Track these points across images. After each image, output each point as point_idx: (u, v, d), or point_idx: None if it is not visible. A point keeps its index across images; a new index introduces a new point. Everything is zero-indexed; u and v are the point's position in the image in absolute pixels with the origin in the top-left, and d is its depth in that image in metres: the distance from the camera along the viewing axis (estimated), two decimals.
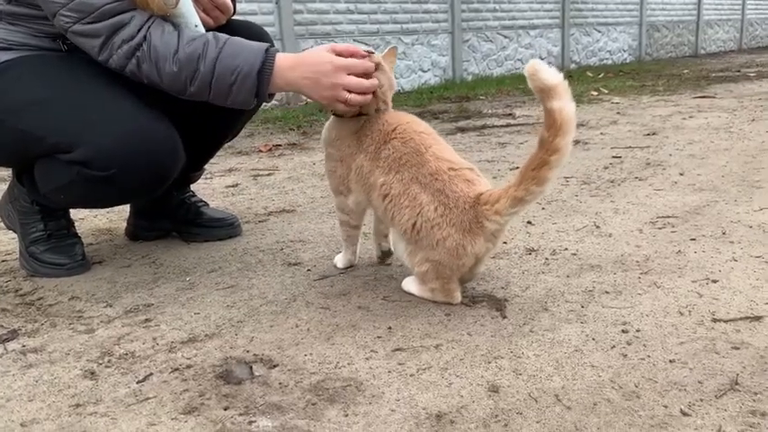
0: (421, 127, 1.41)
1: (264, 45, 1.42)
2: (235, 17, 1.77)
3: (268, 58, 1.40)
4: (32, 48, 1.48)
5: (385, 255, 1.61)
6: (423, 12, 6.51)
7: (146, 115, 1.46)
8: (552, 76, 1.14)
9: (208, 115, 1.75)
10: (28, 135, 1.43)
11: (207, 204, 1.94)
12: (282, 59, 1.40)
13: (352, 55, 1.38)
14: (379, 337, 1.22)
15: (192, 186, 2.00)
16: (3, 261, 1.76)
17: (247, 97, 1.42)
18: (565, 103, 1.15)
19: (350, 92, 1.36)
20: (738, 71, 7.43)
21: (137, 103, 1.47)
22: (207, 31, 1.59)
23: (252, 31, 1.74)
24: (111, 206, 1.88)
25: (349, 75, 1.35)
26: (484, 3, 7.18)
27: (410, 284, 1.43)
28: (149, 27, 1.39)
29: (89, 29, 1.38)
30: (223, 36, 1.42)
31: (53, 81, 1.45)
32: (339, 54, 1.38)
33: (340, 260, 1.61)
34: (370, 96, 1.39)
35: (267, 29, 1.78)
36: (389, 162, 1.35)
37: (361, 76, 1.36)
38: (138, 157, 1.41)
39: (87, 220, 2.11)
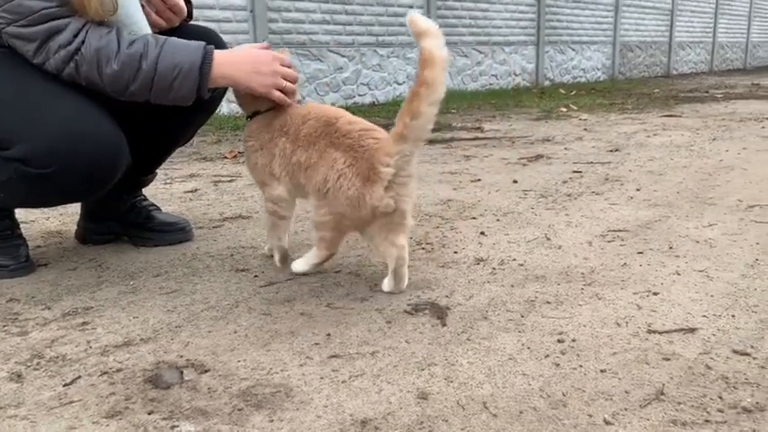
0: (332, 109, 1.51)
1: (201, 43, 1.47)
2: (200, 23, 1.77)
3: (207, 54, 1.46)
4: None
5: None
6: (398, 24, 6.55)
7: (89, 114, 1.44)
8: (426, 22, 1.29)
9: (159, 118, 1.74)
10: None
11: (159, 209, 1.92)
12: (219, 55, 1.48)
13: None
14: (316, 344, 1.22)
15: (150, 191, 1.98)
16: None
17: (189, 93, 1.46)
18: (434, 43, 1.28)
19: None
20: (707, 92, 7.58)
21: (81, 101, 1.45)
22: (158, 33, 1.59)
23: (206, 36, 1.74)
24: (54, 206, 1.85)
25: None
26: (459, 18, 7.25)
27: (296, 262, 1.54)
28: (87, 31, 1.40)
29: (24, 32, 1.38)
30: (161, 36, 1.46)
31: None
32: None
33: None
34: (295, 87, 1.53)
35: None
36: (308, 139, 1.45)
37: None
38: (78, 156, 1.39)
39: (38, 222, 2.08)
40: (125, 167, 1.51)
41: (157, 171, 1.95)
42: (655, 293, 1.45)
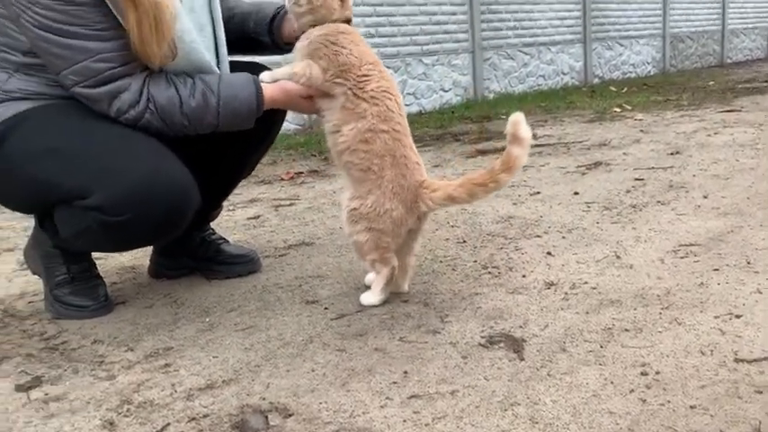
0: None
1: (251, 80, 1.56)
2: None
3: (259, 96, 1.56)
4: (48, 96, 1.52)
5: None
6: (443, 32, 6.53)
7: (160, 159, 1.49)
8: (527, 131, 1.44)
9: (224, 154, 1.79)
10: (46, 182, 1.47)
11: (227, 241, 1.96)
12: (266, 88, 1.59)
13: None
14: (394, 383, 1.22)
15: (216, 217, 2.03)
16: (30, 302, 1.79)
17: (247, 125, 1.61)
18: (523, 153, 1.45)
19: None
20: (765, 81, 7.30)
21: (152, 146, 1.51)
22: None
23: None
24: (129, 250, 1.91)
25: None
26: (504, 21, 7.19)
27: (367, 297, 1.60)
28: (149, 89, 1.48)
29: (89, 93, 1.46)
30: (213, 81, 1.54)
31: (69, 128, 1.49)
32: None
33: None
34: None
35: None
36: (384, 113, 1.52)
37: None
38: (152, 202, 1.44)
39: (112, 258, 2.15)
40: (195, 210, 1.55)
41: (223, 204, 2.00)
42: (737, 316, 1.40)
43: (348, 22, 1.59)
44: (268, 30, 1.74)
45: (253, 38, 1.77)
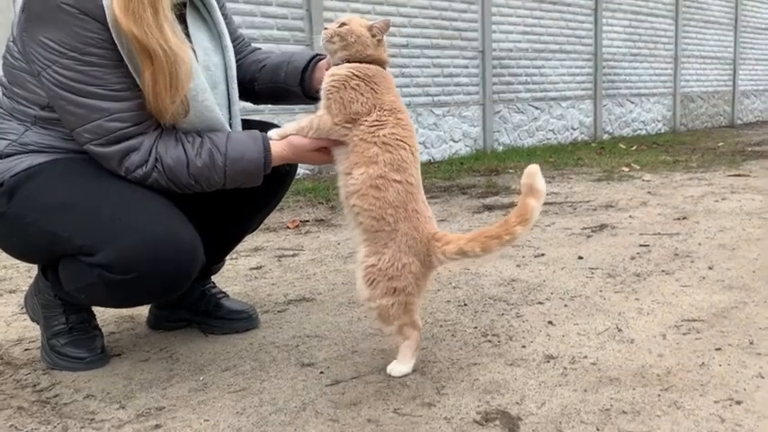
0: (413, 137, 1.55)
1: (259, 138, 1.56)
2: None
3: (267, 154, 1.55)
4: (63, 150, 1.54)
5: None
6: (454, 84, 6.63)
7: (169, 220, 1.50)
8: (542, 183, 1.43)
9: (230, 210, 1.80)
10: (56, 236, 1.48)
11: (226, 295, 1.96)
12: (274, 146, 1.57)
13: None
14: None
15: (217, 271, 2.03)
16: (26, 349, 1.79)
17: (255, 183, 1.60)
18: (538, 205, 1.43)
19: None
20: None
21: (161, 205, 1.52)
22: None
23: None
24: (130, 307, 1.92)
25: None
26: (515, 75, 7.29)
27: (398, 367, 1.55)
28: (157, 149, 1.50)
29: (100, 151, 1.48)
30: (221, 139, 1.54)
31: (80, 184, 1.51)
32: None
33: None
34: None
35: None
36: (397, 162, 1.49)
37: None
38: (158, 263, 1.44)
39: None
40: (200, 268, 1.55)
41: (226, 259, 2.00)
42: (738, 402, 1.38)
43: (383, 64, 1.56)
44: (300, 80, 1.74)
45: (283, 87, 1.78)
